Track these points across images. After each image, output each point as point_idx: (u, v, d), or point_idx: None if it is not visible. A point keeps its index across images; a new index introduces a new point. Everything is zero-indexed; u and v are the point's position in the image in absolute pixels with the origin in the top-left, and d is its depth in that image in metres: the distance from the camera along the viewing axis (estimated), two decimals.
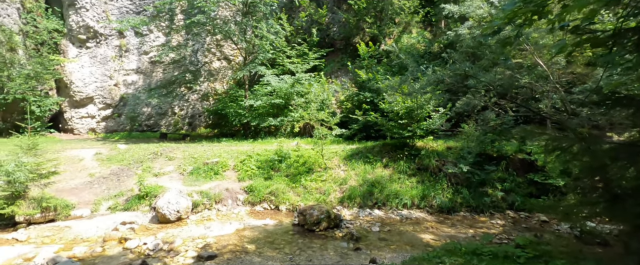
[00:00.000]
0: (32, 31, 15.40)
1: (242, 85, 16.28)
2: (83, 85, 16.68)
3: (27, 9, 15.54)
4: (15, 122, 13.19)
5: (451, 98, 9.25)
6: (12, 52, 14.14)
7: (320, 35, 17.92)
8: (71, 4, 16.23)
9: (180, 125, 18.42)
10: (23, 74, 13.85)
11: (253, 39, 15.68)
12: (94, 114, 17.24)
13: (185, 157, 11.09)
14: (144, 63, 17.54)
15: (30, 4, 15.66)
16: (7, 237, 6.71)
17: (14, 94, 13.60)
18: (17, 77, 13.67)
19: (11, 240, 6.60)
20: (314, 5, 18.49)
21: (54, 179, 8.00)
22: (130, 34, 17.14)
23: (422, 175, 9.72)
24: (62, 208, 7.72)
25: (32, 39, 15.38)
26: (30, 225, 7.26)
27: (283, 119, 14.95)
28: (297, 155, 10.99)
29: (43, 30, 15.71)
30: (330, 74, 17.52)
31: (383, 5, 16.60)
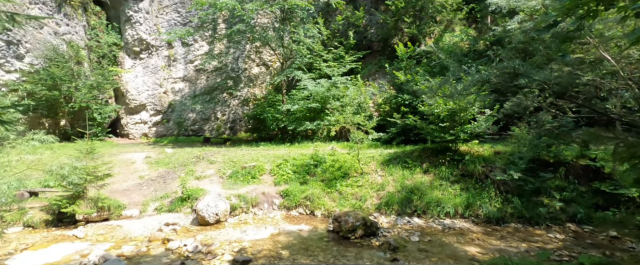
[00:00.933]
0: (95, 46, 17.06)
1: (280, 90, 16.55)
2: (137, 93, 18.09)
3: (92, 26, 17.26)
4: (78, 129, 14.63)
5: (499, 99, 8.52)
6: (78, 65, 15.77)
7: (357, 38, 17.69)
8: (127, 20, 17.74)
9: (222, 130, 19.21)
10: (87, 85, 15.36)
11: (290, 44, 15.91)
12: (146, 119, 18.61)
13: (224, 161, 11.47)
14: (190, 71, 18.60)
15: (94, 22, 17.38)
16: (69, 234, 7.36)
17: (80, 103, 15.12)
18: (82, 88, 15.19)
19: (71, 237, 7.22)
20: (350, 8, 18.32)
21: (109, 181, 8.66)
22: (178, 44, 18.28)
23: (466, 182, 9.06)
24: (115, 208, 8.33)
25: (95, 53, 17.04)
26: (88, 223, 7.90)
27: (319, 123, 14.92)
28: (332, 160, 10.84)
29: (104, 45, 17.34)
30: (367, 77, 17.19)
31: (423, 4, 15.95)
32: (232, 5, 13.90)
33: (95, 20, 17.42)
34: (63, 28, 15.60)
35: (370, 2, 18.68)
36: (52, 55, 14.33)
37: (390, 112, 13.29)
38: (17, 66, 13.54)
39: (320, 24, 16.70)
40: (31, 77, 13.82)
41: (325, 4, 16.24)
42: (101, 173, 8.15)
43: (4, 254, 6.25)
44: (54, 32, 15.11)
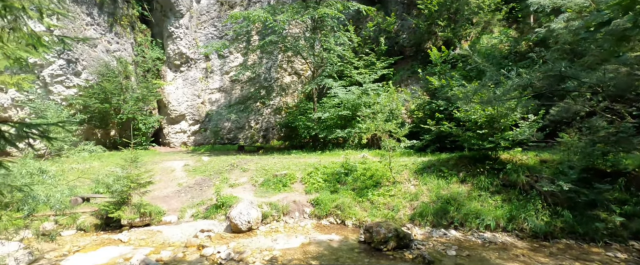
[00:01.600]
0: (141, 61, 18.40)
1: (311, 98, 16.70)
2: (177, 104, 19.17)
3: (138, 43, 18.66)
4: (124, 139, 15.76)
5: (544, 104, 7.89)
6: (126, 80, 17.07)
7: (388, 44, 17.44)
8: (169, 35, 18.96)
9: (255, 138, 19.71)
10: (134, 97, 16.56)
11: (321, 52, 16.05)
12: (186, 129, 19.62)
13: (257, 169, 11.71)
14: (225, 82, 19.39)
15: (140, 39, 18.78)
16: (114, 238, 7.86)
17: (127, 114, 16.32)
18: (129, 100, 16.40)
19: (117, 241, 7.71)
20: (381, 14, 18.15)
21: (150, 188, 9.17)
22: (214, 56, 19.18)
23: (508, 192, 8.45)
24: (155, 214, 8.78)
25: (140, 67, 18.37)
26: (131, 228, 8.40)
27: (350, 131, 14.79)
28: (363, 168, 10.66)
29: (149, 60, 18.65)
30: (399, 83, 16.83)
31: (457, 6, 15.38)
32: (264, 17, 14.34)
33: (141, 37, 18.81)
34: (114, 46, 17.02)
35: (402, 7, 18.39)
36: (104, 71, 15.65)
37: (424, 119, 12.84)
38: (75, 82, 14.95)
39: (351, 31, 16.69)
40: (86, 92, 15.17)
41: (355, 12, 16.23)
42: (144, 181, 8.66)
43: (59, 255, 6.80)
44: (106, 49, 16.52)
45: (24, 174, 6.15)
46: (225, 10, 18.83)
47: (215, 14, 18.94)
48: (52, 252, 6.93)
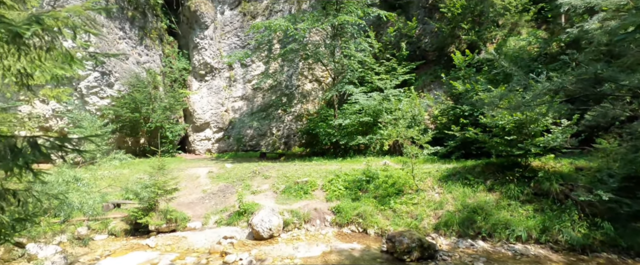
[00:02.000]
0: (168, 71, 19.20)
1: (332, 104, 16.71)
2: (202, 112, 19.78)
3: (166, 54, 19.51)
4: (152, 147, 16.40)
5: (578, 108, 7.44)
6: (155, 90, 17.85)
7: (410, 49, 17.20)
8: (195, 46, 19.69)
9: (277, 145, 19.93)
10: (162, 106, 17.26)
11: (341, 59, 16.07)
12: (210, 136, 20.17)
13: (278, 176, 11.79)
14: (248, 90, 19.81)
15: (168, 50, 19.63)
16: (142, 243, 8.14)
17: (155, 123, 17.02)
18: (158, 109, 17.12)
19: (145, 246, 7.98)
20: (402, 19, 17.96)
21: (176, 195, 9.46)
22: (237, 65, 19.69)
23: (540, 202, 8.00)
24: (181, 220, 9.03)
25: (168, 78, 19.16)
26: (159, 233, 8.67)
27: (372, 137, 14.63)
28: (385, 176, 10.47)
29: (176, 70, 19.42)
30: (422, 88, 16.50)
31: (482, 9, 14.95)
32: (285, 26, 14.59)
33: (169, 49, 19.65)
34: (144, 58, 17.88)
35: (423, 11, 18.12)
36: (134, 82, 16.45)
37: (448, 125, 12.48)
38: (108, 93, 15.81)
39: (372, 37, 16.62)
40: (118, 102, 15.99)
41: (376, 18, 16.15)
42: (170, 187, 8.94)
43: (91, 260, 7.12)
44: (136, 61, 17.39)
45: (61, 182, 6.55)
46: (248, 21, 19.33)
47: (238, 25, 19.48)
48: (85, 256, 7.27)
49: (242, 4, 19.43)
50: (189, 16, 19.50)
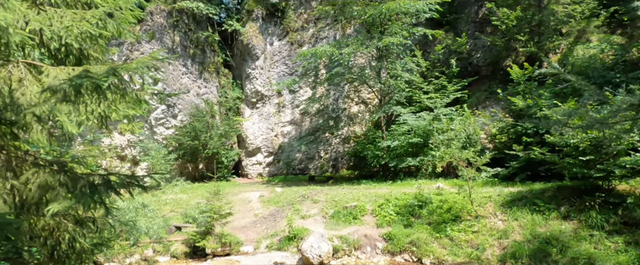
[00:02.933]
0: (223, 101, 20.73)
1: (379, 126, 16.46)
2: (254, 138, 20.80)
3: (222, 85, 21.16)
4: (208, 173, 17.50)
5: None
6: (212, 118, 19.32)
7: (460, 65, 16.45)
8: (247, 76, 21.09)
9: (325, 168, 20.00)
10: (218, 134, 18.55)
11: (387, 79, 15.92)
12: (261, 161, 21.01)
13: (327, 200, 11.74)
14: (296, 115, 20.46)
15: (223, 81, 21.30)
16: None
17: (212, 149, 18.28)
18: (214, 136, 18.41)
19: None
20: (451, 36, 17.38)
21: (230, 219, 9.88)
22: (286, 92, 20.55)
23: (633, 233, 6.84)
24: (234, 244, 9.36)
25: (223, 106, 20.66)
26: (214, 257, 9.06)
27: (423, 159, 14.00)
28: (439, 200, 9.85)
29: (230, 99, 20.90)
30: (476, 105, 15.53)
31: (541, 18, 13.88)
32: (330, 52, 15.00)
33: (224, 80, 21.31)
34: (202, 90, 19.59)
35: (473, 26, 17.38)
36: (195, 112, 18.00)
37: (508, 144, 11.47)
38: (173, 123, 17.48)
39: (418, 56, 16.28)
40: (180, 131, 17.56)
41: (422, 36, 15.87)
42: (224, 212, 9.39)
43: None
44: (196, 93, 19.10)
45: (131, 209, 7.29)
46: (295, 49, 20.28)
47: (286, 53, 20.53)
48: None
49: (290, 34, 20.52)
50: (242, 49, 21.08)
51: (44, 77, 3.24)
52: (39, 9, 3.58)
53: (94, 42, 4.12)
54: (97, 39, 4.05)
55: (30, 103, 2.99)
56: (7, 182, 3.11)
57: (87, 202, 3.34)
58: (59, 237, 3.70)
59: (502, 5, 14.66)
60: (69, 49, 3.90)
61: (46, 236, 3.66)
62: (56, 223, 3.70)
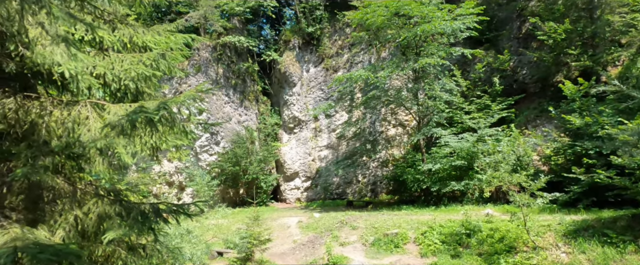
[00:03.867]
0: (262, 127, 21.47)
1: (419, 149, 15.92)
2: (292, 162, 21.08)
3: (261, 112, 22.02)
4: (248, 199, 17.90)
5: None
6: (252, 144, 20.01)
7: (504, 83, 15.62)
8: (285, 103, 21.78)
9: (363, 193, 19.54)
10: (257, 159, 19.09)
11: (425, 101, 15.53)
12: (299, 185, 21.10)
13: (366, 227, 11.36)
14: (332, 139, 20.52)
15: (262, 108, 22.17)
16: None
17: (252, 175, 18.77)
18: (254, 162, 18.96)
19: None
20: (492, 53, 16.71)
21: (269, 245, 9.90)
22: (322, 116, 20.82)
23: None
24: None
25: (262, 133, 21.36)
26: None
27: (468, 183, 13.17)
28: (490, 229, 9.11)
29: (269, 125, 21.60)
30: (525, 124, 14.51)
31: (594, 29, 12.93)
32: (365, 75, 15.08)
33: (263, 107, 22.18)
34: (243, 117, 20.51)
35: (516, 42, 16.62)
36: (236, 139, 18.79)
37: (566, 166, 10.46)
38: (216, 150, 18.37)
39: (458, 75, 15.76)
40: (223, 158, 18.33)
41: (460, 56, 15.42)
42: (263, 238, 9.45)
43: None
44: (237, 121, 20.03)
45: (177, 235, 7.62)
46: (330, 75, 20.69)
47: (321, 79, 21.00)
48: None
49: (325, 61, 21.06)
50: (280, 77, 21.95)
51: (105, 114, 3.60)
52: (104, 55, 4.05)
53: (148, 81, 4.54)
54: (150, 78, 4.47)
55: (94, 138, 3.32)
56: (72, 213, 3.42)
57: (139, 230, 3.55)
58: (114, 263, 3.94)
59: (547, 19, 13.92)
60: (127, 88, 4.32)
61: (103, 262, 3.91)
62: (111, 250, 3.96)
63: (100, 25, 4.24)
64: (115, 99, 4.76)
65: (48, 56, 3.06)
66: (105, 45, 4.11)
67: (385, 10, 14.49)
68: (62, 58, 3.07)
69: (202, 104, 6.58)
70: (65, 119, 3.37)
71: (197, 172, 16.39)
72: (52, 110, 3.42)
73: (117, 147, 3.62)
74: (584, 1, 13.58)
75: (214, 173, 17.83)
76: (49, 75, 3.89)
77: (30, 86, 3.93)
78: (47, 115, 3.38)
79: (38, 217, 3.32)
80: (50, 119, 3.37)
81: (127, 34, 4.61)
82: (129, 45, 4.56)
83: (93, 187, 4.13)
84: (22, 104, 3.34)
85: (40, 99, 3.51)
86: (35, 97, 3.58)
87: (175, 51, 5.04)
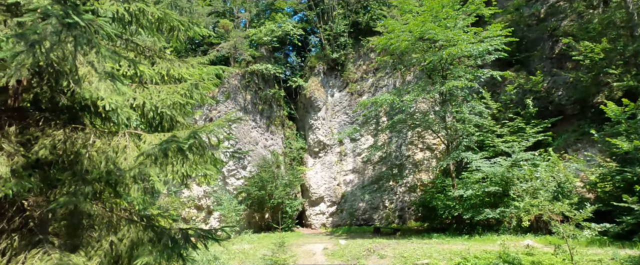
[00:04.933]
0: (288, 151, 21.69)
1: (448, 173, 15.31)
2: (317, 187, 20.93)
3: (286, 137, 22.34)
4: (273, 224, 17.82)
5: None
6: (277, 169, 20.18)
7: (538, 104, 14.94)
8: (310, 127, 22.02)
9: (391, 219, 18.87)
10: (283, 183, 19.15)
11: (454, 124, 15.10)
12: (324, 210, 20.79)
13: (395, 256, 10.86)
14: (358, 163, 20.27)
15: (288, 133, 22.50)
16: None
17: (277, 199, 18.78)
18: (279, 186, 19.02)
19: None
20: (523, 75, 16.16)
21: None
22: (347, 140, 20.75)
23: None
24: None
25: (288, 157, 21.54)
26: None
27: (504, 210, 12.38)
28: (531, 262, 8.40)
29: (294, 150, 21.79)
30: (564, 148, 13.63)
31: (637, 47, 12.21)
32: (391, 99, 15.00)
33: (288, 132, 22.52)
34: (269, 142, 20.89)
35: (549, 62, 16.02)
36: (262, 163, 19.06)
37: (616, 194, 9.63)
38: (242, 174, 18.68)
39: (487, 97, 15.29)
40: (249, 182, 18.57)
41: (489, 78, 15.02)
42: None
43: None
44: (263, 145, 20.41)
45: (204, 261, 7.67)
46: (355, 99, 20.81)
47: (346, 103, 21.15)
48: None
49: (350, 85, 21.29)
50: (305, 102, 22.36)
51: (141, 143, 3.82)
52: (144, 88, 4.35)
53: (182, 109, 4.79)
54: (184, 106, 4.72)
55: (130, 166, 3.51)
56: (108, 239, 3.57)
57: (169, 255, 3.62)
58: None
59: (582, 38, 13.39)
60: (162, 117, 4.58)
61: None
62: None
63: (141, 60, 4.60)
64: (151, 127, 5.04)
65: (94, 91, 3.34)
66: (145, 79, 4.42)
67: (410, 35, 14.58)
68: (107, 92, 3.34)
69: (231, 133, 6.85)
70: (105, 149, 3.61)
71: (225, 197, 16.66)
72: (95, 141, 3.68)
73: (151, 175, 3.79)
74: (623, 19, 12.99)
75: (241, 197, 18.03)
76: (94, 107, 4.22)
77: (77, 118, 4.27)
78: (90, 145, 3.64)
79: (78, 243, 3.49)
80: (93, 148, 3.62)
81: (165, 67, 4.95)
82: (166, 78, 4.88)
83: (127, 212, 4.30)
84: (70, 135, 3.62)
85: (85, 130, 3.79)
86: (81, 128, 3.88)
87: (207, 81, 5.32)
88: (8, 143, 3.25)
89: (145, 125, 5.26)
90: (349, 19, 21.35)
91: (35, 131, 3.61)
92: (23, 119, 3.74)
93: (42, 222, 3.39)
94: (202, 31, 5.21)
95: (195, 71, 5.23)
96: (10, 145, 3.24)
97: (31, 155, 3.35)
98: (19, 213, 3.42)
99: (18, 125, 3.60)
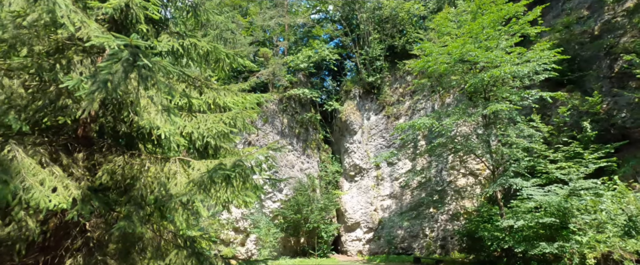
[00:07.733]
0: (323, 175, 21.61)
1: (495, 201, 14.22)
2: (353, 212, 20.44)
3: (322, 160, 22.35)
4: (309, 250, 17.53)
5: None
6: (313, 192, 20.10)
7: (597, 127, 13.61)
8: (345, 150, 21.89)
9: (432, 249, 17.77)
10: (318, 207, 18.96)
11: (499, 148, 14.16)
12: (361, 237, 20.12)
13: None
14: (395, 188, 19.60)
15: (323, 156, 22.53)
16: None
17: (313, 223, 18.57)
18: (315, 210, 18.85)
19: None
20: (577, 95, 14.95)
21: None
22: (384, 165, 20.27)
23: None
24: None
25: (323, 180, 21.44)
26: None
27: (563, 245, 11.10)
28: None
29: (330, 173, 21.67)
30: (633, 176, 12.16)
31: None
32: (429, 123, 14.54)
33: (324, 155, 22.55)
34: (305, 165, 21.02)
35: (608, 82, 14.72)
36: (298, 186, 19.13)
37: None
38: (278, 197, 18.83)
39: (537, 120, 14.25)
40: (285, 205, 18.64)
41: (538, 99, 14.05)
42: None
43: None
44: (299, 168, 20.55)
45: None
46: (392, 122, 20.49)
47: (383, 127, 20.87)
48: None
49: (386, 109, 21.08)
50: (341, 126, 22.43)
51: (190, 170, 4.01)
52: (192, 117, 4.64)
53: (226, 137, 5.01)
54: (228, 134, 4.93)
55: (179, 192, 3.68)
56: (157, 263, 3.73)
57: None
58: None
59: None
60: (208, 144, 4.81)
61: None
62: None
63: (191, 91, 4.93)
64: (197, 153, 5.31)
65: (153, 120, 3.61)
66: (194, 108, 4.72)
67: (448, 57, 14.26)
68: (162, 122, 3.59)
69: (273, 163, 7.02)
70: (159, 175, 3.84)
71: (262, 220, 16.82)
72: (149, 167, 3.94)
73: (196, 201, 3.94)
74: None
75: (277, 221, 18.10)
76: (148, 135, 4.55)
77: (134, 144, 4.63)
78: (145, 171, 3.90)
79: None
80: (148, 174, 3.87)
81: (211, 96, 5.26)
82: (212, 106, 5.17)
83: (173, 236, 4.47)
84: (128, 161, 3.91)
85: (141, 157, 4.09)
86: (137, 154, 4.18)
87: (249, 110, 5.55)
88: (77, 168, 3.59)
89: (192, 150, 5.56)
90: (385, 43, 21.49)
91: (99, 157, 3.96)
92: (89, 146, 4.12)
93: (100, 243, 3.62)
94: (245, 63, 5.51)
95: (239, 99, 5.49)
96: (79, 171, 3.57)
97: (96, 179, 3.65)
98: (81, 234, 3.70)
99: (85, 152, 3.97)
